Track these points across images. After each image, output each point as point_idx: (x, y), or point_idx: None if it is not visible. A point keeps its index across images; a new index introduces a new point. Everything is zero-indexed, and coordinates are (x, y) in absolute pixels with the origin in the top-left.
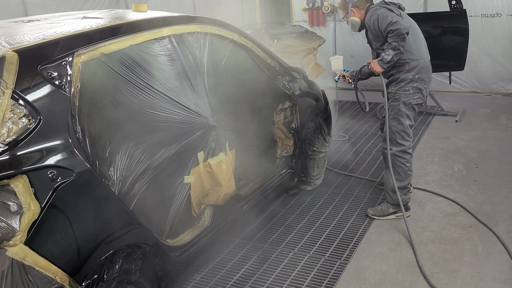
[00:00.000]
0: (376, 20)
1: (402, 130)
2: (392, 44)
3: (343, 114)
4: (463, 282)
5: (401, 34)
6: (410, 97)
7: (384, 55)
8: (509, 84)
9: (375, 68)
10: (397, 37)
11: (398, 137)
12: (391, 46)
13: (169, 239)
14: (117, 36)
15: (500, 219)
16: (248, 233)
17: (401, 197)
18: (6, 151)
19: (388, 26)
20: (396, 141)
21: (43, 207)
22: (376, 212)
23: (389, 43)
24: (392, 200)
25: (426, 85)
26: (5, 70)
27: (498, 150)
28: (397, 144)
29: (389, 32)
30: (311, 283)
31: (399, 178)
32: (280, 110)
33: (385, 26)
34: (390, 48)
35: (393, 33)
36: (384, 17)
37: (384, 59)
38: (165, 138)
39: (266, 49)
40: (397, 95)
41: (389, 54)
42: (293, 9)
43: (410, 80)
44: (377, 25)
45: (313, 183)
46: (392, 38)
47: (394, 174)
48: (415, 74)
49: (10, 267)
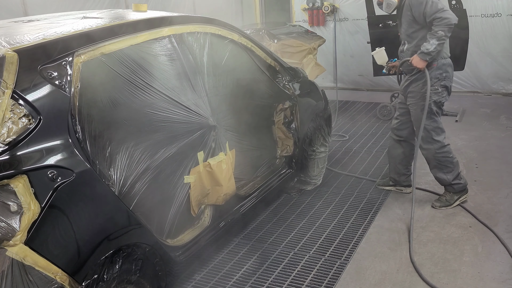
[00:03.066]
0: (424, 2)
1: (436, 127)
2: (438, 34)
3: (343, 114)
4: (463, 282)
5: (450, 24)
6: (439, 96)
7: (427, 44)
8: (509, 84)
9: (417, 64)
10: (445, 26)
11: (433, 135)
12: (437, 36)
13: (169, 239)
14: (117, 36)
15: (500, 219)
16: (248, 233)
17: (462, 184)
18: (6, 151)
19: (437, 12)
20: (433, 139)
21: (43, 207)
22: (443, 204)
23: (434, 31)
24: (454, 190)
25: (451, 83)
26: (5, 70)
27: (498, 150)
28: (433, 142)
29: (436, 20)
30: (311, 283)
31: (449, 170)
32: (280, 110)
33: (433, 11)
34: (435, 37)
35: (441, 21)
36: (434, 2)
37: (425, 50)
38: (165, 138)
39: (266, 49)
40: (424, 95)
41: (432, 44)
42: (293, 9)
43: (438, 78)
44: (423, 8)
45: (313, 183)
46: (440, 27)
47: (443, 169)
48: (442, 72)
49: (10, 267)
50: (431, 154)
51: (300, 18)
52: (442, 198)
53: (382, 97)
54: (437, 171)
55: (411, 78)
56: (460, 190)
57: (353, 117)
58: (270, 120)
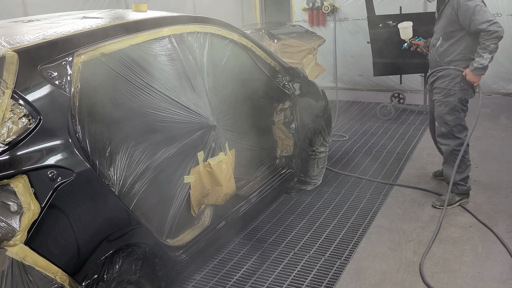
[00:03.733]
0: (472, 8)
1: (459, 123)
2: (490, 47)
3: (343, 114)
4: (463, 282)
5: (500, 37)
6: (465, 93)
7: (480, 59)
8: (509, 84)
9: (473, 79)
10: (496, 39)
11: (455, 131)
12: (490, 49)
13: (169, 239)
14: (117, 36)
15: (500, 219)
16: (248, 233)
17: (466, 187)
18: (6, 151)
19: (486, 24)
20: (454, 135)
21: (43, 207)
22: (443, 203)
23: (486, 45)
24: (457, 190)
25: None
26: (5, 70)
27: (498, 150)
28: (454, 138)
29: (487, 33)
30: (311, 283)
31: (460, 170)
32: (280, 110)
33: (482, 21)
34: (487, 51)
35: (492, 35)
36: (484, 11)
37: (479, 65)
38: (165, 138)
39: (266, 49)
40: (453, 91)
41: (487, 58)
42: (293, 9)
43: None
44: (470, 14)
45: (313, 183)
46: (491, 40)
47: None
48: None
49: (10, 267)
50: (449, 149)
51: (300, 18)
52: (443, 197)
53: (382, 97)
54: (448, 167)
55: (437, 74)
56: (462, 192)
57: (353, 117)
58: (270, 120)
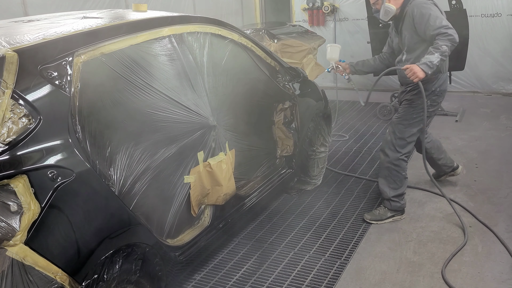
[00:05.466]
0: (427, 15)
1: (407, 137)
2: (442, 48)
3: (343, 114)
4: (463, 282)
5: (454, 41)
6: (427, 109)
7: (431, 56)
8: (509, 84)
9: (418, 73)
10: (450, 42)
11: (399, 143)
12: (441, 50)
13: (169, 239)
14: (117, 36)
15: (500, 219)
16: (248, 233)
17: (400, 204)
18: (6, 151)
19: (442, 28)
20: (395, 147)
21: (43, 207)
22: (374, 217)
23: (438, 45)
24: (390, 206)
25: (442, 99)
26: (5, 70)
27: (498, 150)
28: (395, 151)
29: (442, 34)
30: (311, 283)
31: (394, 186)
32: (280, 110)
33: (438, 26)
34: (439, 51)
35: (446, 37)
36: (440, 18)
37: (428, 62)
38: (165, 138)
39: (266, 49)
40: (415, 103)
41: (437, 57)
42: (293, 9)
43: (431, 92)
44: (426, 20)
45: (313, 183)
46: (444, 41)
47: (391, 183)
48: (437, 87)
49: (10, 267)
50: (387, 162)
51: (300, 18)
52: (375, 212)
53: (382, 97)
54: (383, 182)
55: (408, 88)
56: (395, 209)
57: (353, 117)
58: (270, 120)
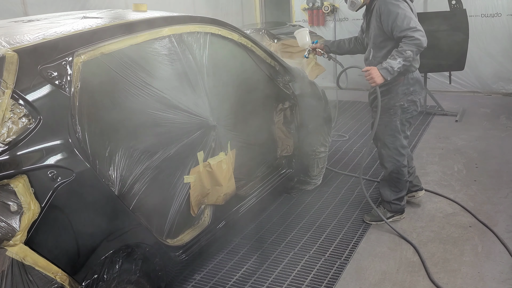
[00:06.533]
0: (395, 13)
1: (400, 145)
2: (406, 53)
3: (343, 114)
4: (463, 282)
5: (420, 46)
6: (406, 112)
7: (392, 61)
8: (509, 84)
9: (375, 78)
10: (415, 47)
11: (395, 153)
12: (404, 55)
13: (169, 239)
14: (117, 36)
15: (500, 219)
16: (248, 233)
17: (400, 206)
18: (6, 151)
19: (409, 30)
20: (394, 158)
21: (43, 207)
22: (374, 218)
23: (402, 49)
24: (390, 208)
25: (421, 96)
26: (5, 70)
27: (498, 150)
28: (394, 161)
29: (407, 38)
30: (311, 283)
31: (396, 190)
32: (280, 110)
33: (405, 27)
34: (402, 57)
35: (412, 41)
36: (408, 17)
37: (389, 67)
38: (165, 138)
39: (266, 49)
40: (393, 110)
41: (399, 63)
42: (293, 9)
43: (404, 93)
44: (393, 19)
45: (313, 183)
46: (409, 46)
47: (392, 187)
48: (409, 86)
49: (10, 267)
50: (388, 173)
51: (300, 18)
52: (374, 213)
53: None
54: (385, 185)
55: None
56: (395, 210)
57: (353, 117)
58: (270, 120)
